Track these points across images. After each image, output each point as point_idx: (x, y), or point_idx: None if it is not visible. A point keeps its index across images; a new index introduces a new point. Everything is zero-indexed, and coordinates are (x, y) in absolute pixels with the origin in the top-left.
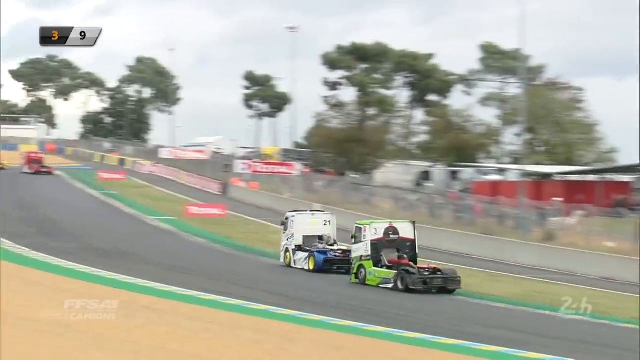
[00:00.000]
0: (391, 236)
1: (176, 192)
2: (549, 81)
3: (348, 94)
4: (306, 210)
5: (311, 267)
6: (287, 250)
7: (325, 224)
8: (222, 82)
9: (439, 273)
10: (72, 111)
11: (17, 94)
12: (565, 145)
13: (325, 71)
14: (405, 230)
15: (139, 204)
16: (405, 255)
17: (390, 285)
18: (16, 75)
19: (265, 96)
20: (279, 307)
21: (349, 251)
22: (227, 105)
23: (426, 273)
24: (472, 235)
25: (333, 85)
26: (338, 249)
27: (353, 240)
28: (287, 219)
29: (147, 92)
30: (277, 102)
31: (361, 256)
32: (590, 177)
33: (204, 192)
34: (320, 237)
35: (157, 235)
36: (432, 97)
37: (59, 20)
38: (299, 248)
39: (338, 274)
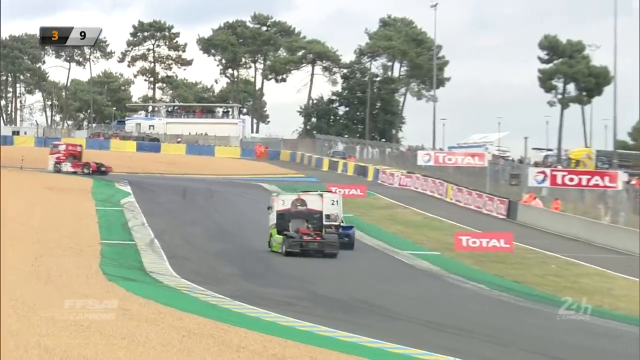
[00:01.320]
0: (299, 207)
1: (441, 214)
2: None
3: None
4: (316, 191)
5: None
6: None
7: (332, 204)
8: (507, 53)
9: (319, 238)
10: (289, 97)
11: (210, 73)
12: None
13: None
14: (314, 202)
15: (386, 232)
16: (310, 226)
17: (280, 250)
18: (208, 45)
19: (572, 73)
20: None
21: (348, 227)
22: (514, 87)
23: (306, 238)
24: None
25: None
26: (332, 225)
27: (269, 211)
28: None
29: (398, 70)
30: (590, 82)
31: (271, 225)
32: None
33: (483, 215)
34: (328, 216)
35: (413, 277)
36: None
37: None
38: None
39: None
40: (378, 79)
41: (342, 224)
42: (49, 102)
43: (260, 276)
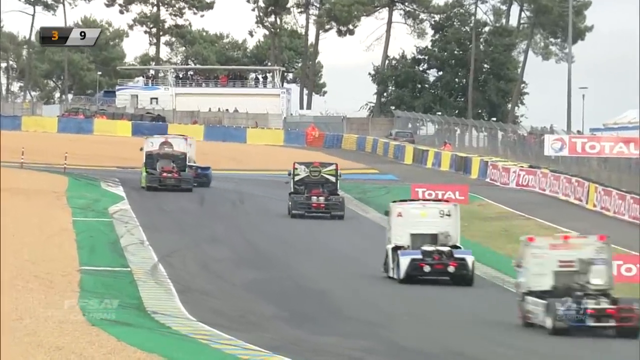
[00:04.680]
0: (165, 149)
1: (580, 228)
2: None
3: None
4: (182, 137)
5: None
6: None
7: (191, 146)
8: None
9: (176, 175)
10: (356, 57)
11: (241, 23)
12: None
13: None
14: (180, 145)
15: (499, 253)
16: (176, 166)
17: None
18: None
19: None
20: None
21: (206, 168)
22: None
23: (165, 175)
24: None
25: None
26: (192, 166)
27: (141, 152)
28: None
29: (516, 16)
30: None
31: (143, 164)
32: None
33: (634, 225)
34: (188, 159)
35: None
36: None
37: None
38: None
39: None
40: (487, 29)
41: (200, 165)
42: (4, 64)
43: (313, 319)
